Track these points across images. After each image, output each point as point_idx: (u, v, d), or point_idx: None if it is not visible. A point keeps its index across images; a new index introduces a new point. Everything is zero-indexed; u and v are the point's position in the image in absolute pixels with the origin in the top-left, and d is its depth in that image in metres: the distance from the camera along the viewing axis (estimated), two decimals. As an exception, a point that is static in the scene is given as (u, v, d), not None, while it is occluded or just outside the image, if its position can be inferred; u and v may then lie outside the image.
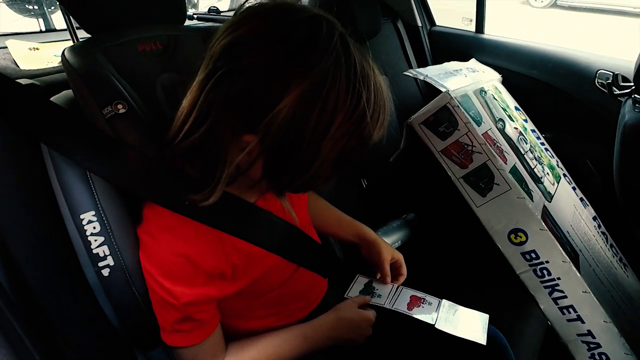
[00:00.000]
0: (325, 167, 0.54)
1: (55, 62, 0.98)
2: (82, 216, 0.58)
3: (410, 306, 0.76)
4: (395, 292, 0.80)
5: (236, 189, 0.62)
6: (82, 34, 0.77)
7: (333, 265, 0.82)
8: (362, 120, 0.51)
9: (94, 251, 0.58)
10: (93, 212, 0.58)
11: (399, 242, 1.21)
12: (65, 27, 1.12)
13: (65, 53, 0.64)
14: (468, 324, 0.75)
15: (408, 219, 1.28)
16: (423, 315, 0.74)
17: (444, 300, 0.78)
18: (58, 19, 1.48)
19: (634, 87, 1.03)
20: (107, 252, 0.59)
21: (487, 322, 0.76)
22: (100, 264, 0.59)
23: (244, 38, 0.50)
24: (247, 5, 0.53)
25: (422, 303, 0.77)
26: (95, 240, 0.58)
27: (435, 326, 0.72)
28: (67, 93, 0.67)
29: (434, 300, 0.78)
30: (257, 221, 0.64)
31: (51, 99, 0.64)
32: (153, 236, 0.59)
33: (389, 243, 1.11)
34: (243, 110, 0.50)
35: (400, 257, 0.85)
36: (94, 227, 0.58)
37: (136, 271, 0.60)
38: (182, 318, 0.59)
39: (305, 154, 0.51)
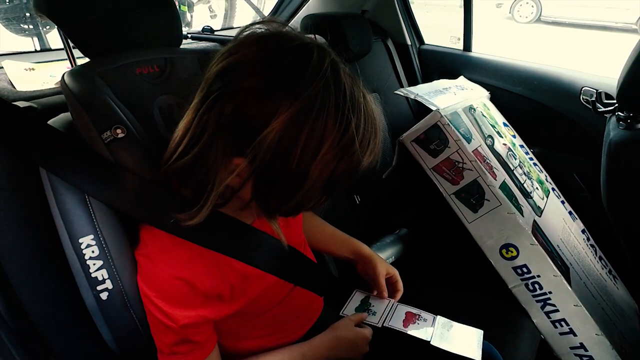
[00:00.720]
0: (314, 191, 0.54)
1: (51, 82, 0.99)
2: (81, 240, 0.58)
3: (405, 323, 0.77)
4: (391, 308, 0.80)
5: (232, 211, 0.62)
6: (77, 53, 0.78)
7: (329, 283, 0.82)
8: (351, 146, 0.52)
9: (93, 275, 0.58)
10: (92, 236, 0.58)
11: (393, 257, 1.22)
12: (60, 46, 1.13)
13: (65, 78, 0.65)
14: (463, 339, 0.76)
15: (401, 234, 1.29)
16: (418, 331, 0.75)
17: (438, 317, 0.79)
18: (53, 38, 1.49)
19: (617, 105, 1.07)
20: (106, 276, 0.59)
21: (482, 337, 0.77)
22: (99, 288, 0.59)
23: (238, 63, 0.51)
24: (244, 33, 0.55)
25: (417, 319, 0.78)
26: (94, 264, 0.58)
27: (431, 343, 0.73)
28: (65, 116, 0.68)
29: (428, 316, 0.79)
30: (254, 242, 0.65)
31: (49, 122, 0.65)
32: (150, 259, 0.59)
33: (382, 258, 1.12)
34: (234, 133, 0.51)
35: (395, 272, 0.86)
36: (93, 251, 0.58)
37: (134, 294, 0.60)
38: (180, 340, 0.60)
39: (293, 178, 0.52)
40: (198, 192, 0.56)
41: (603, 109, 1.14)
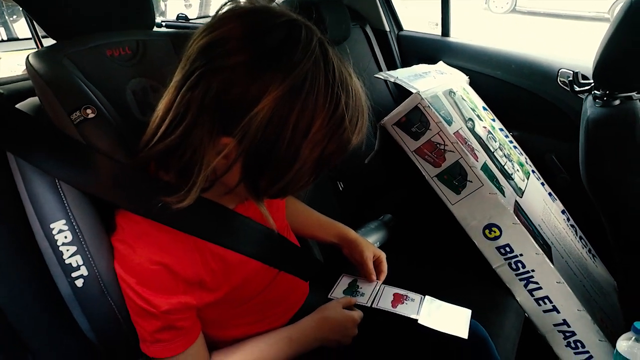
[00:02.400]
0: (304, 171, 0.54)
1: (19, 70, 0.95)
2: (52, 225, 0.55)
3: (393, 304, 0.77)
4: (379, 290, 0.80)
5: (215, 196, 0.61)
6: (47, 42, 0.74)
7: (314, 268, 0.81)
8: (341, 123, 0.51)
9: (67, 261, 0.56)
10: (64, 221, 0.56)
11: (377, 243, 1.22)
12: (28, 36, 1.09)
13: (30, 59, 0.62)
14: (450, 319, 0.76)
15: (385, 220, 1.29)
16: (406, 311, 0.75)
17: (426, 297, 0.79)
18: (20, 28, 1.43)
19: (593, 84, 1.08)
20: (81, 262, 0.56)
21: (470, 316, 0.77)
22: (74, 275, 0.56)
23: (222, 39, 0.49)
24: (225, 7, 0.52)
25: (405, 300, 0.78)
26: (67, 250, 0.56)
27: (419, 322, 0.73)
28: (33, 100, 0.65)
29: (416, 296, 0.79)
30: (236, 228, 0.63)
31: (16, 106, 0.62)
32: (128, 244, 0.57)
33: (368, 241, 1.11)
34: (220, 112, 0.49)
35: (381, 254, 0.86)
36: (65, 237, 0.56)
37: (111, 281, 0.58)
38: (163, 327, 0.58)
39: (284, 157, 0.51)
40: (182, 174, 0.54)
41: (580, 89, 1.15)
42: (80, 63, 0.65)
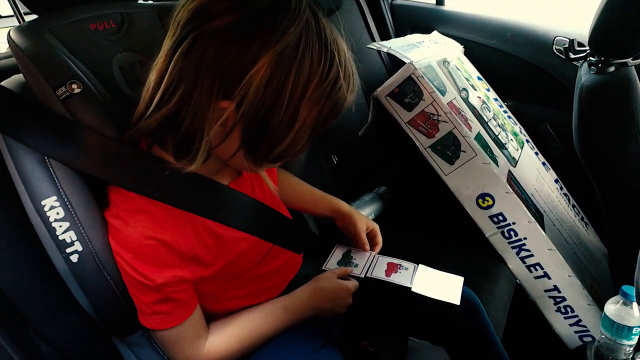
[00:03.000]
0: (303, 133, 0.54)
1: (2, 48, 0.93)
2: (43, 202, 0.55)
3: (387, 273, 0.78)
4: (373, 260, 0.81)
5: (208, 172, 0.61)
6: (29, 19, 0.73)
7: (308, 240, 0.82)
8: (337, 80, 0.52)
9: (60, 237, 0.56)
10: (55, 197, 0.56)
11: (372, 215, 1.23)
12: (10, 13, 1.06)
13: (11, 34, 0.61)
14: (443, 286, 0.77)
15: (380, 192, 1.30)
16: (400, 280, 0.76)
17: (419, 265, 0.80)
18: (2, 7, 1.39)
19: (588, 51, 1.07)
20: (74, 238, 0.56)
21: (462, 283, 0.78)
22: (68, 250, 0.57)
23: (213, 1, 0.49)
24: None
25: (399, 269, 0.79)
26: (60, 226, 0.56)
27: (412, 290, 0.74)
28: (17, 77, 0.63)
29: (410, 265, 0.80)
30: (230, 203, 0.64)
31: (0, 84, 0.61)
32: (122, 220, 0.57)
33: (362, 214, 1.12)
34: (218, 74, 0.50)
35: (375, 226, 0.87)
36: (57, 213, 0.56)
37: (106, 255, 0.58)
38: (160, 299, 0.59)
39: (283, 119, 0.51)
40: (179, 146, 0.54)
41: (575, 56, 1.14)
42: (63, 38, 0.63)
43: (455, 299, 0.75)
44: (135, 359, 0.68)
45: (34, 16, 0.68)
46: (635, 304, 0.88)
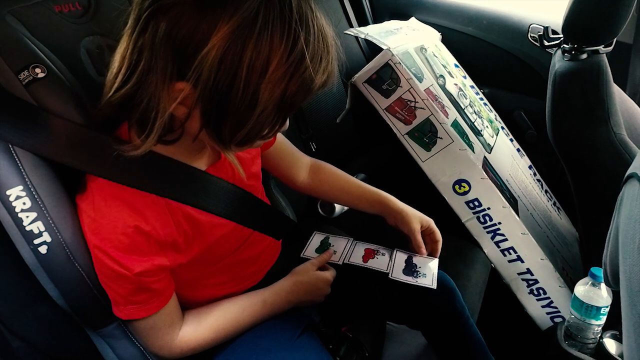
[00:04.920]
0: (267, 115, 0.51)
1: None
2: (8, 192, 0.53)
3: (365, 258, 0.79)
4: (350, 246, 0.81)
5: (185, 156, 0.60)
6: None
7: (286, 226, 0.82)
8: (301, 62, 0.49)
9: (27, 228, 0.54)
10: (21, 187, 0.53)
11: (351, 202, 1.23)
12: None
13: (-31, 16, 0.57)
14: (419, 270, 0.78)
15: (358, 179, 1.29)
16: (378, 265, 0.77)
17: (396, 250, 0.81)
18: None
19: (562, 39, 1.09)
20: (42, 228, 0.55)
21: (437, 266, 0.80)
22: (36, 242, 0.55)
23: None
24: None
25: (376, 255, 0.80)
26: (27, 217, 0.54)
27: (390, 275, 0.75)
28: (-24, 61, 0.60)
29: (387, 251, 0.81)
30: (208, 188, 0.62)
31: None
32: (98, 207, 0.55)
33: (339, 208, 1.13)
34: (171, 54, 0.48)
35: (430, 222, 0.83)
36: (24, 203, 0.53)
37: (77, 246, 0.57)
38: (137, 289, 0.57)
39: (242, 100, 0.49)
40: (141, 126, 0.52)
41: (549, 44, 1.16)
42: (25, 20, 0.60)
43: (432, 283, 0.76)
44: (110, 351, 0.67)
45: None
46: (603, 285, 0.91)
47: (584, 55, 1.01)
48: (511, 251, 1.09)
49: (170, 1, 0.46)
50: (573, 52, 1.02)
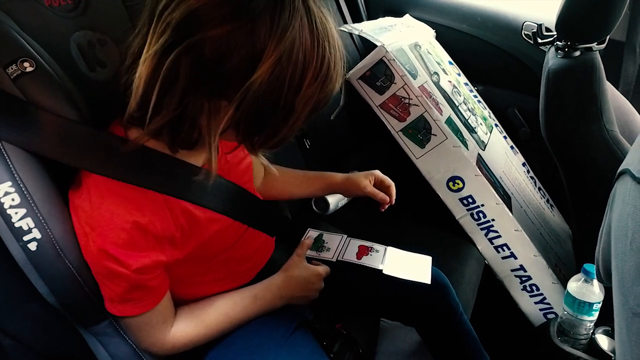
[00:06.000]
0: (298, 124, 0.55)
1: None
2: None
3: (359, 255, 0.78)
4: (344, 243, 0.81)
5: (182, 153, 0.59)
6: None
7: (281, 223, 0.81)
8: (328, 73, 0.52)
9: (16, 225, 0.53)
10: (9, 183, 0.52)
11: (345, 200, 1.23)
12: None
13: (-45, 8, 0.56)
14: (413, 266, 0.78)
15: (352, 176, 1.29)
16: (371, 262, 0.77)
17: (389, 247, 0.81)
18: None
19: (556, 36, 1.09)
20: (32, 225, 0.54)
21: (430, 263, 0.80)
22: (26, 238, 0.54)
23: (207, 4, 0.48)
24: None
25: (370, 251, 0.80)
26: (16, 213, 0.53)
27: (384, 272, 0.75)
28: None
29: (380, 248, 0.81)
30: (204, 184, 0.62)
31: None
32: (95, 203, 0.55)
33: (334, 201, 1.13)
34: (217, 79, 0.50)
35: (376, 173, 0.88)
36: (13, 199, 0.52)
37: (67, 242, 0.56)
38: (132, 287, 0.57)
39: (279, 115, 0.52)
40: (179, 139, 0.55)
41: (542, 41, 1.16)
42: (14, 13, 0.59)
43: (426, 279, 0.76)
44: (103, 349, 0.66)
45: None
46: (595, 282, 0.92)
47: (577, 53, 1.02)
48: (505, 248, 1.09)
49: (217, 33, 0.47)
50: (566, 50, 1.02)
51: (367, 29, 1.15)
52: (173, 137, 0.55)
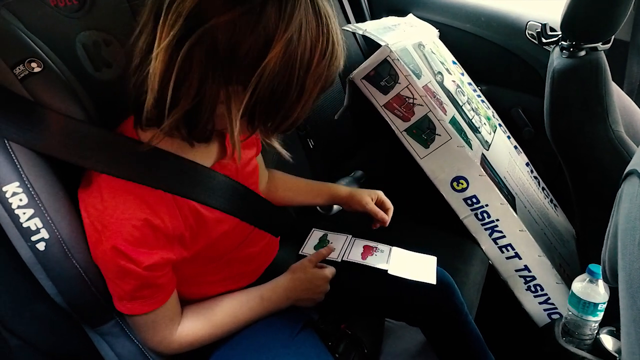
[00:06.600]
0: (309, 103, 0.56)
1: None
2: (4, 188, 0.52)
3: (363, 255, 0.78)
4: (349, 243, 0.81)
5: (190, 153, 0.60)
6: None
7: (286, 223, 0.81)
8: (334, 49, 0.54)
9: (24, 225, 0.53)
10: (17, 183, 0.53)
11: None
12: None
13: (-38, 9, 0.57)
14: (418, 267, 0.78)
15: (356, 176, 1.29)
16: (376, 262, 0.77)
17: (394, 247, 0.81)
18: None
19: (560, 36, 1.09)
20: (40, 225, 0.54)
21: (436, 263, 0.80)
22: (34, 238, 0.54)
23: None
24: None
25: (375, 252, 0.80)
26: (24, 213, 0.53)
27: (389, 272, 0.75)
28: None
29: (385, 248, 0.81)
30: (213, 185, 0.63)
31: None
32: (107, 201, 0.55)
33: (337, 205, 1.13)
34: (232, 65, 0.50)
35: (378, 193, 0.89)
36: (21, 199, 0.53)
37: (75, 242, 0.56)
38: (142, 285, 0.57)
39: (292, 95, 0.54)
40: (194, 130, 0.56)
41: (547, 41, 1.16)
42: (20, 14, 0.59)
43: (432, 279, 0.76)
44: (109, 349, 0.66)
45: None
46: (600, 282, 0.91)
47: (583, 53, 1.02)
48: (509, 248, 1.09)
49: (227, 19, 0.48)
50: (571, 50, 1.02)
51: (371, 28, 1.15)
52: (190, 129, 0.55)
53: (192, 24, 0.48)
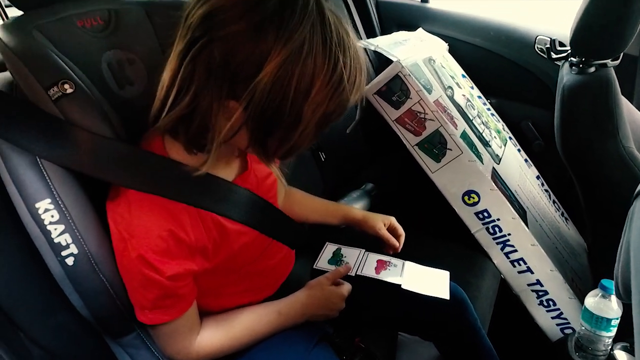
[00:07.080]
0: (309, 132, 0.55)
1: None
2: (37, 205, 0.54)
3: (377, 270, 0.79)
4: (362, 258, 0.82)
5: (214, 168, 0.61)
6: (12, 13, 0.71)
7: (301, 236, 0.83)
8: (340, 83, 0.53)
9: (55, 240, 0.55)
10: (49, 200, 0.55)
11: (360, 212, 1.24)
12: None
13: (-2, 32, 0.59)
14: (431, 282, 0.79)
15: (367, 189, 1.31)
16: (390, 277, 0.78)
17: (407, 262, 0.82)
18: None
19: (569, 51, 1.10)
20: (70, 240, 0.56)
21: (449, 278, 0.80)
22: (64, 253, 0.56)
23: (222, 7, 0.51)
24: None
25: (388, 266, 0.80)
26: (56, 229, 0.55)
27: (402, 287, 0.76)
28: (3, 76, 0.62)
29: (398, 262, 0.81)
30: (236, 199, 0.65)
31: (-13, 83, 0.59)
32: (135, 211, 0.57)
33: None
34: (226, 77, 0.51)
35: (391, 219, 0.90)
36: (52, 216, 0.55)
37: (102, 257, 0.58)
38: (165, 295, 0.59)
39: (288, 120, 0.53)
40: (193, 140, 0.57)
41: (557, 56, 1.17)
42: (51, 35, 0.62)
43: (445, 294, 0.77)
44: (129, 360, 0.68)
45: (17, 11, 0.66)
46: (613, 297, 0.91)
47: (592, 69, 1.03)
48: (521, 262, 1.09)
49: (225, 32, 0.50)
50: (581, 66, 1.03)
51: (382, 43, 1.17)
52: (186, 136, 0.57)
53: (197, 36, 0.51)
